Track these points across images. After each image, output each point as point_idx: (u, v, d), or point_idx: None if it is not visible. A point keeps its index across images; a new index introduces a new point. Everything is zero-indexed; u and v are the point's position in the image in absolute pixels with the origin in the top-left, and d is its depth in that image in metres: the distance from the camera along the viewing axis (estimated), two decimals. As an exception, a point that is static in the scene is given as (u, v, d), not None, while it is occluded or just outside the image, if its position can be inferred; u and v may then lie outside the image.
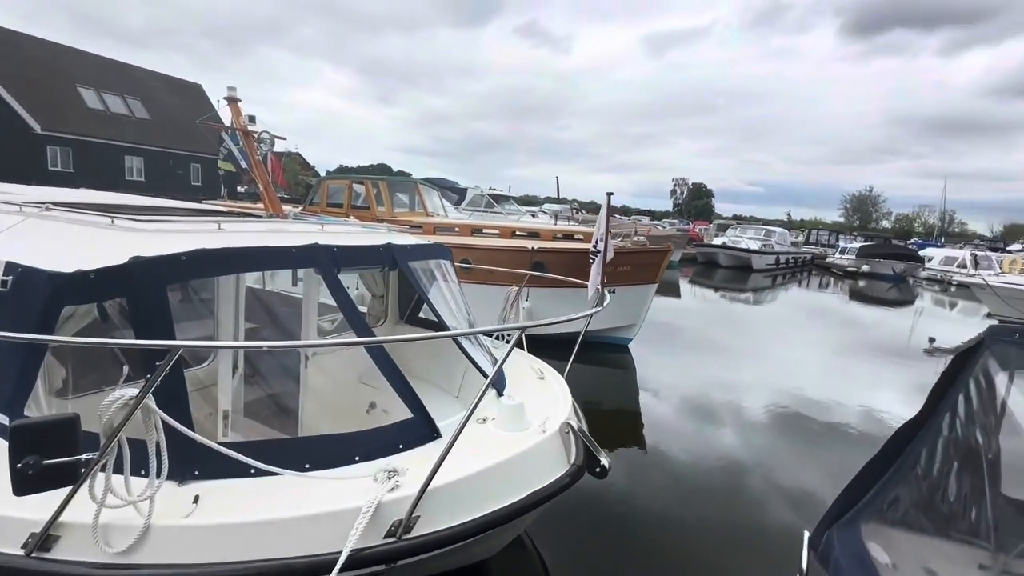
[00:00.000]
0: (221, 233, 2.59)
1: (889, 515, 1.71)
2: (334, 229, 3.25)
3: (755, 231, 27.21)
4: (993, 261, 23.32)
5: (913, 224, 72.12)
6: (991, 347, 1.56)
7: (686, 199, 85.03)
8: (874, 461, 1.81)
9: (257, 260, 2.53)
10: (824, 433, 5.87)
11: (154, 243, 2.19)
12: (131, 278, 1.99)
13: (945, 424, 1.62)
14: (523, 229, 8.56)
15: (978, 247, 36.09)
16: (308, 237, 2.82)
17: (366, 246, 3.08)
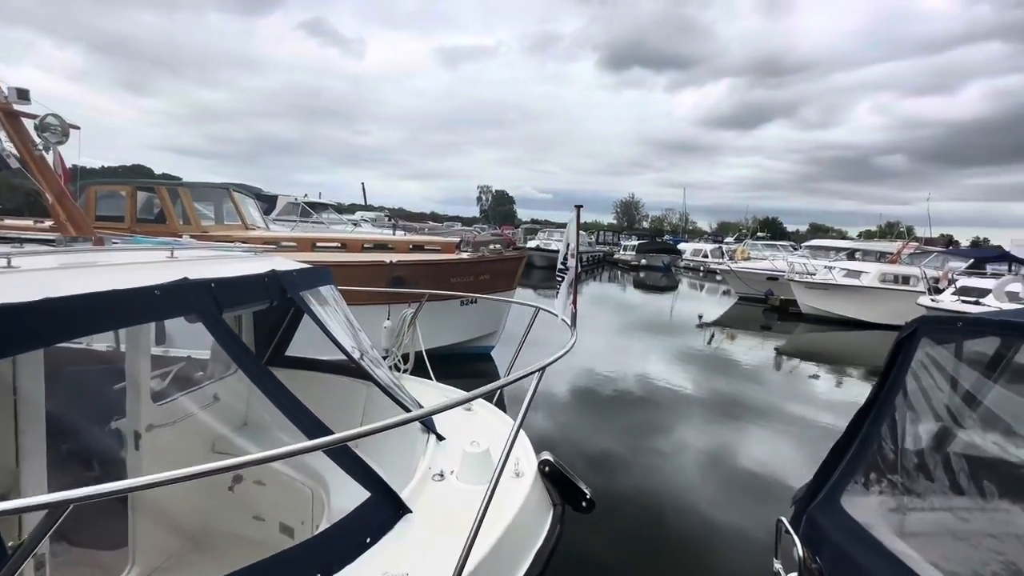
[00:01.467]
0: (12, 273, 1.60)
1: (863, 488, 1.93)
2: (190, 255, 2.36)
3: (560, 234, 30.38)
4: (724, 252, 30.56)
5: (663, 224, 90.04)
6: (924, 334, 1.88)
7: (491, 205, 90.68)
8: (839, 444, 2.02)
9: (99, 315, 1.59)
10: (626, 393, 6.92)
11: None
12: None
13: (898, 401, 1.90)
14: (371, 241, 7.77)
15: (706, 241, 46.71)
16: (158, 270, 1.97)
17: (249, 277, 2.30)
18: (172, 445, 2.65)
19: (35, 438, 1.78)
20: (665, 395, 7.61)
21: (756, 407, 7.43)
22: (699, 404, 7.42)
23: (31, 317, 1.36)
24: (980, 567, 1.68)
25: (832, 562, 1.82)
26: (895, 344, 1.97)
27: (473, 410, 3.03)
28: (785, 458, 5.74)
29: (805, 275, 14.33)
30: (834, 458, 2.02)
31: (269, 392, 1.97)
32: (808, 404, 7.85)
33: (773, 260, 18.22)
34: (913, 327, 1.94)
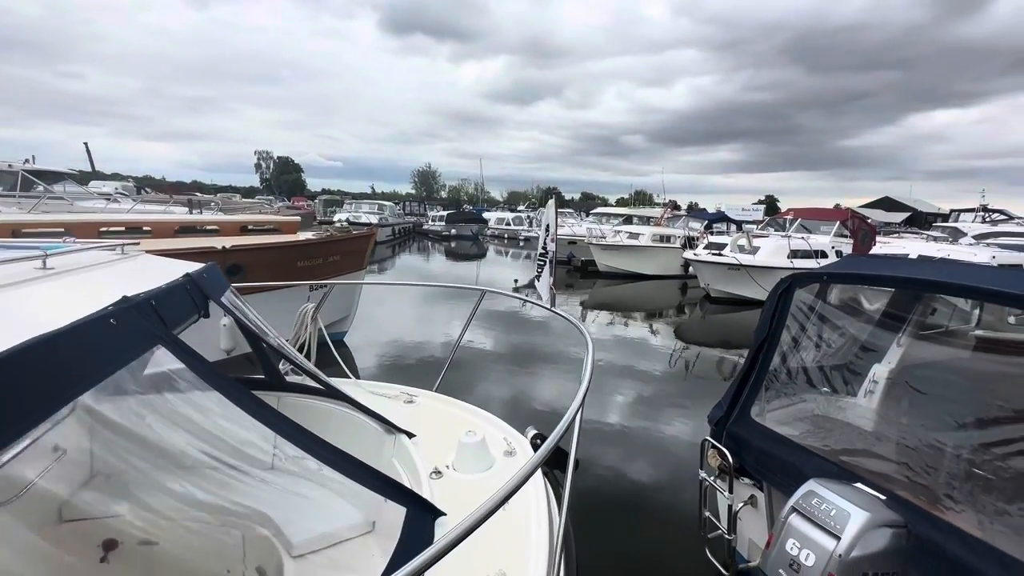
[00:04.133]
0: None
1: (765, 403, 2.59)
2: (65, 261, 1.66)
3: (369, 206, 28.93)
4: (523, 219, 33.41)
5: (460, 193, 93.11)
6: (798, 285, 2.58)
7: (274, 174, 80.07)
8: (739, 374, 2.65)
9: (54, 383, 1.01)
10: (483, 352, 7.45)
11: None
12: None
13: (785, 334, 2.58)
14: (199, 224, 6.17)
15: (501, 210, 50.24)
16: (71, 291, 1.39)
17: (174, 286, 1.77)
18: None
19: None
20: (513, 350, 8.24)
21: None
22: (530, 354, 8.25)
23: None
24: (841, 442, 2.46)
25: (755, 459, 2.43)
26: (777, 293, 2.64)
27: (416, 402, 2.93)
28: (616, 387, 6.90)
29: (601, 239, 16.88)
30: (741, 385, 2.64)
31: (263, 419, 1.61)
32: (618, 344, 9.46)
33: (573, 227, 20.84)
34: (789, 281, 2.63)
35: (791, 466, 2.19)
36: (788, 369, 2.65)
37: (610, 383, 7.04)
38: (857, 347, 2.82)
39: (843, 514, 1.70)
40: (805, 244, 12.78)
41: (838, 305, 2.66)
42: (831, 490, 1.80)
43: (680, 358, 9.09)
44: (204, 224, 6.38)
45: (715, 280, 12.96)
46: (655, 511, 3.95)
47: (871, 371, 2.86)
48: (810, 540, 1.72)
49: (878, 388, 2.83)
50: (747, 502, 2.49)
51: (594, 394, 6.79)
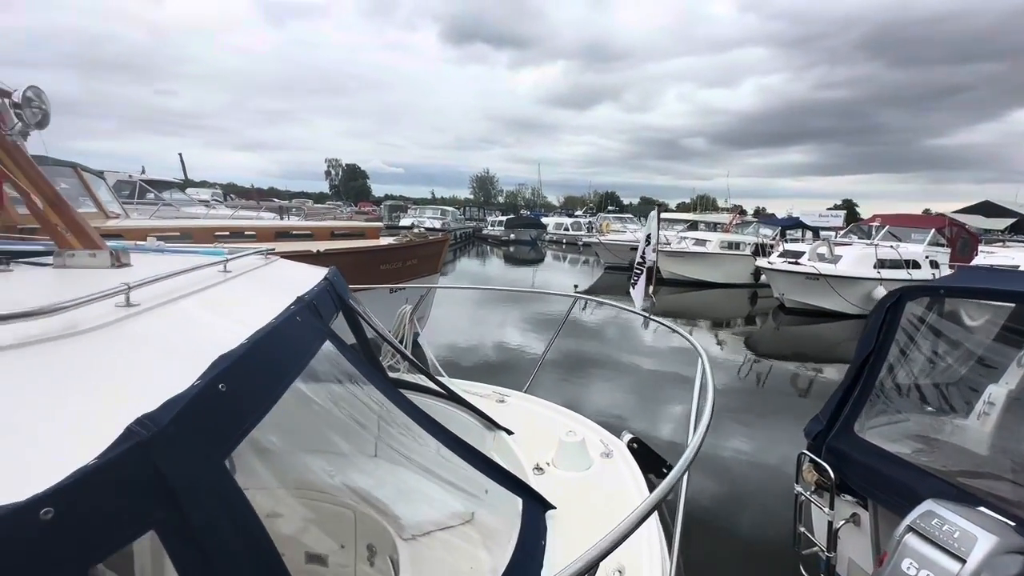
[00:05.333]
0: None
1: (870, 418, 2.51)
2: (242, 264, 1.95)
3: (432, 211, 29.90)
4: (590, 225, 33.23)
5: (517, 198, 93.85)
6: (908, 298, 2.49)
7: (343, 180, 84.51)
8: (841, 387, 2.58)
9: (273, 377, 1.20)
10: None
11: None
12: None
13: (892, 348, 2.50)
14: (294, 229, 6.80)
15: (557, 214, 50.10)
16: (255, 293, 1.65)
17: (323, 288, 2.01)
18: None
19: None
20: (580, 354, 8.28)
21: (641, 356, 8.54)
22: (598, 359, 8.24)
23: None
24: (957, 463, 2.35)
25: (860, 476, 2.36)
26: (885, 306, 2.56)
27: (507, 402, 3.07)
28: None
29: (665, 245, 16.52)
30: (843, 398, 2.57)
31: (407, 409, 1.81)
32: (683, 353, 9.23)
33: (635, 232, 20.54)
34: (899, 293, 2.54)
35: (903, 485, 2.13)
36: (896, 384, 2.56)
37: (677, 393, 6.94)
38: (970, 365, 2.67)
39: (968, 537, 1.66)
40: (894, 253, 11.90)
41: (950, 320, 2.54)
42: (953, 512, 1.75)
43: (751, 371, 8.76)
44: (299, 229, 6.97)
45: (791, 290, 12.34)
46: (738, 526, 3.88)
47: (986, 392, 2.70)
48: (930, 561, 1.69)
49: (994, 410, 2.67)
50: (849, 520, 2.43)
51: (662, 404, 6.73)
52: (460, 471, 1.96)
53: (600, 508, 1.97)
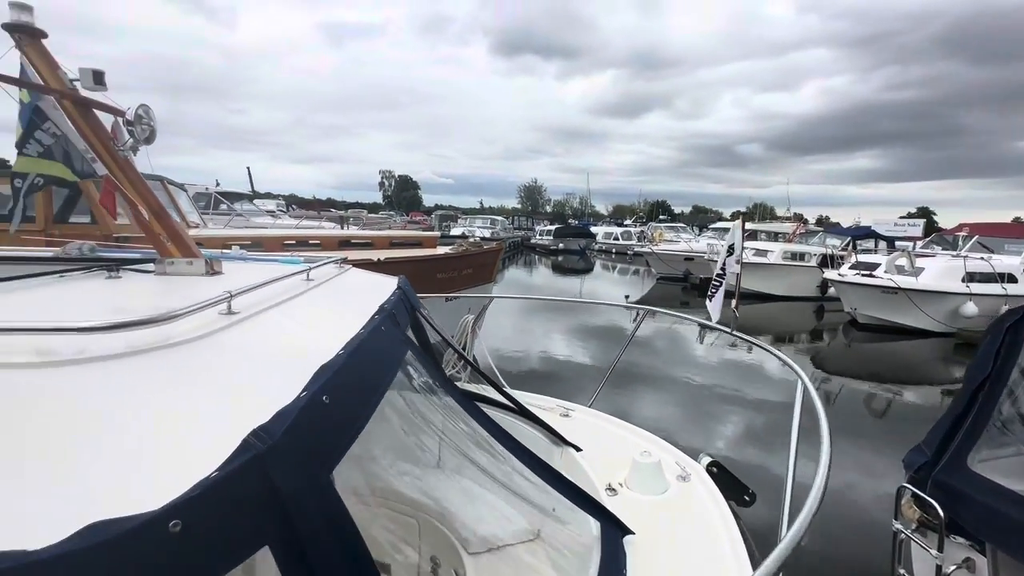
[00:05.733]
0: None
1: (988, 451, 2.24)
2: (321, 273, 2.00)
3: (482, 221, 30.31)
4: (642, 234, 32.58)
5: (565, 208, 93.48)
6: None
7: (395, 191, 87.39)
8: (950, 415, 2.32)
9: (373, 382, 1.25)
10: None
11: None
12: None
13: (1013, 375, 2.23)
14: (355, 238, 7.08)
15: (607, 224, 49.29)
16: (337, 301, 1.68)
17: (398, 298, 2.03)
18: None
19: None
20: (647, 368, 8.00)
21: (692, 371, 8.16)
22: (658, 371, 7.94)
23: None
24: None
25: (978, 516, 2.10)
26: (1004, 326, 2.28)
27: (572, 416, 2.98)
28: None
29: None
30: (953, 427, 2.31)
31: (481, 421, 1.78)
32: (742, 369, 8.76)
33: (690, 242, 19.91)
34: (1021, 312, 2.27)
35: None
36: (1020, 414, 2.28)
37: (745, 412, 6.58)
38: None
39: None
40: (986, 265, 10.83)
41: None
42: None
43: (819, 388, 8.17)
44: (360, 238, 7.21)
45: (865, 304, 11.48)
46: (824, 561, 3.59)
47: None
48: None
49: None
50: (962, 565, 2.17)
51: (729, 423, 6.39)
52: (529, 486, 1.90)
53: (680, 536, 1.85)
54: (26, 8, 1.60)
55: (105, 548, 0.63)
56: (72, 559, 0.61)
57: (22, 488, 0.71)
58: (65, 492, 0.71)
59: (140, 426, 0.83)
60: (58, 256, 2.38)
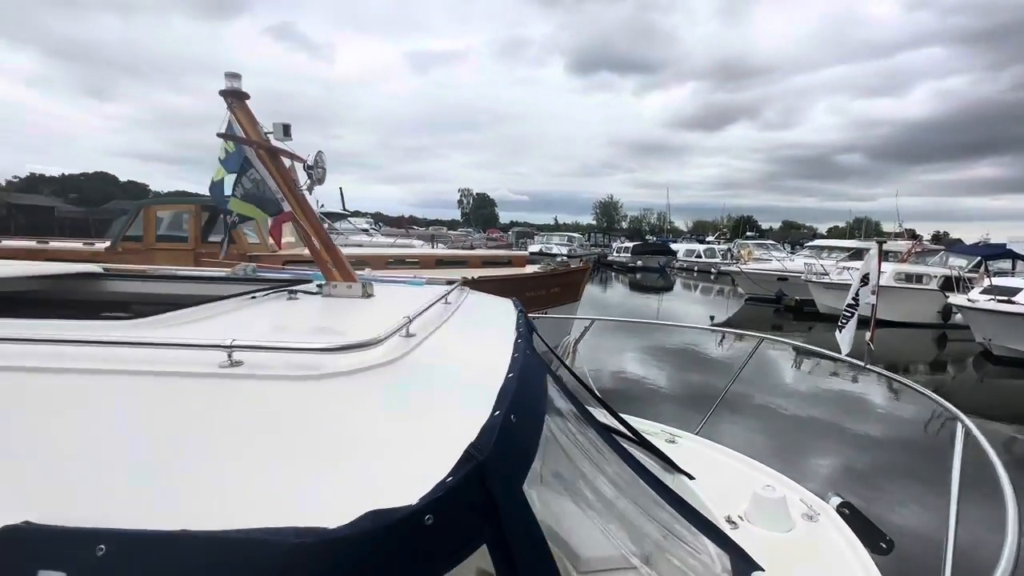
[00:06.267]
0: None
1: None
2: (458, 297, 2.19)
3: (559, 238, 30.43)
4: (728, 252, 31.06)
5: (642, 224, 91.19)
6: None
7: (473, 208, 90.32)
8: None
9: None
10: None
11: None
12: None
13: None
14: (449, 257, 7.52)
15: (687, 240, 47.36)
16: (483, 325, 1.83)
17: (522, 320, 2.15)
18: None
19: None
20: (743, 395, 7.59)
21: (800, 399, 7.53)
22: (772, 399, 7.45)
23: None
24: None
25: None
26: None
27: (678, 443, 2.92)
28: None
29: (821, 275, 14.70)
30: None
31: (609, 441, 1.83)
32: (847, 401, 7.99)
33: (783, 261, 18.65)
34: None
35: None
36: None
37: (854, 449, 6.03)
38: None
39: None
40: None
41: None
42: None
43: (942, 428, 7.28)
44: (454, 257, 7.59)
45: (1003, 334, 10.05)
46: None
47: None
48: None
49: None
50: None
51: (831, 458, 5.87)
52: (653, 509, 1.91)
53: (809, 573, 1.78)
54: (236, 76, 1.94)
55: (382, 532, 0.78)
56: (358, 538, 0.76)
57: (311, 479, 0.89)
58: (339, 483, 0.88)
59: (380, 432, 1.00)
60: (230, 276, 2.79)
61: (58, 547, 0.75)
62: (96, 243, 6.74)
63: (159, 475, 0.88)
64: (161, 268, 3.08)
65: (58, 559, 0.74)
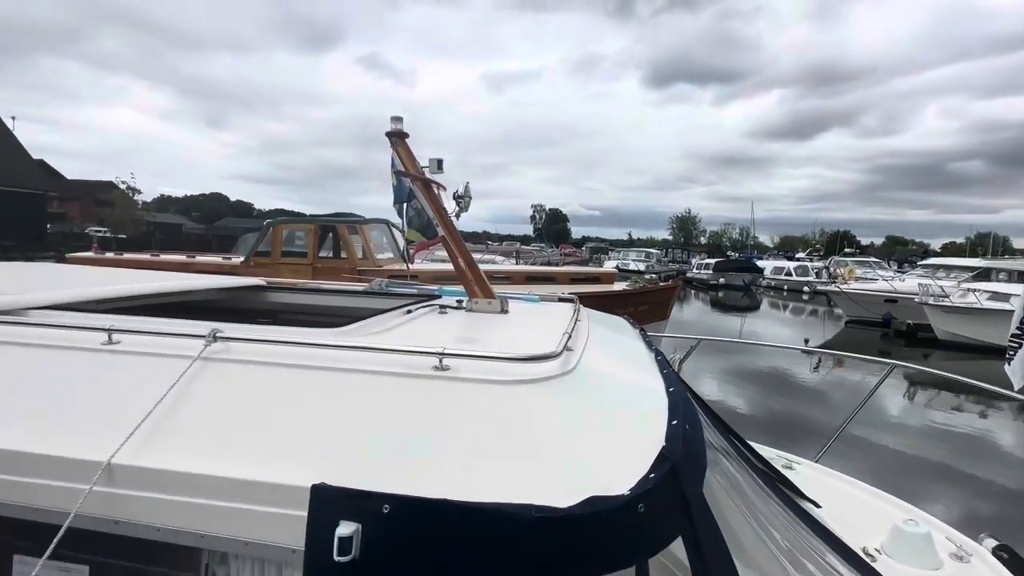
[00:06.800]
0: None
1: None
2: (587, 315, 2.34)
3: (636, 254, 29.86)
4: (809, 268, 28.93)
5: (721, 239, 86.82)
6: None
7: (545, 223, 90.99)
8: None
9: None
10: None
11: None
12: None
13: None
14: (540, 273, 7.78)
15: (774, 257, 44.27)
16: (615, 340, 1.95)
17: (643, 336, 2.26)
18: None
19: None
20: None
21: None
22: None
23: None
24: None
25: None
26: None
27: (796, 470, 2.83)
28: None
29: (940, 298, 13.23)
30: None
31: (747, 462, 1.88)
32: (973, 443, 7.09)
33: (891, 281, 17.00)
34: None
35: None
36: None
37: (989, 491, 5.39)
38: None
39: None
40: None
41: None
42: None
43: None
44: (544, 274, 7.79)
45: None
46: None
47: None
48: None
49: None
50: None
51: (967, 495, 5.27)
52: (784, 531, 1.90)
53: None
54: (399, 119, 2.25)
55: (604, 515, 0.93)
56: (585, 518, 0.92)
57: (525, 466, 1.06)
58: (547, 472, 1.05)
59: (572, 432, 1.16)
60: (369, 290, 3.13)
61: (354, 503, 0.97)
62: (232, 258, 7.73)
63: (405, 454, 1.09)
64: (309, 282, 3.52)
65: (354, 512, 0.97)
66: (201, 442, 1.12)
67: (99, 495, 1.03)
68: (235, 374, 1.31)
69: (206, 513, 1.01)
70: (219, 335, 1.38)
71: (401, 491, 0.98)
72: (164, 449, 1.09)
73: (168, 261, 7.55)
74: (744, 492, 1.93)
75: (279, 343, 1.39)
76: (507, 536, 0.93)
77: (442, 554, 0.94)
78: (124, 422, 1.11)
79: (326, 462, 1.05)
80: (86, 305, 1.86)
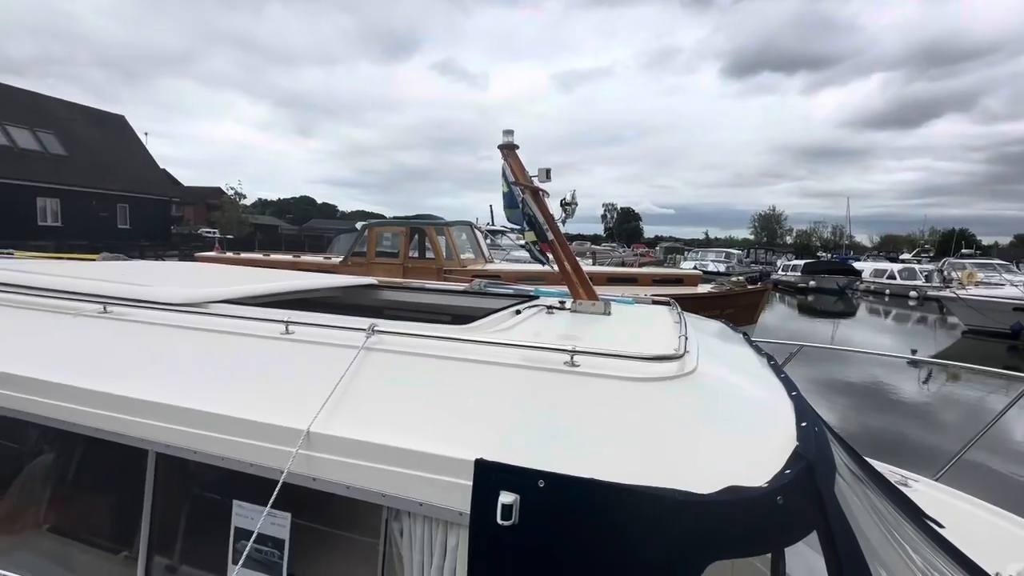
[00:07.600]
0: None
1: None
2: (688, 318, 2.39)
3: (715, 255, 28.49)
4: (917, 272, 26.07)
5: (811, 239, 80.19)
6: None
7: (616, 223, 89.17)
8: None
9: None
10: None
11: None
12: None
13: None
14: (620, 275, 7.81)
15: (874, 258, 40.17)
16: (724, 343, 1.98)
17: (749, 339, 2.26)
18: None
19: None
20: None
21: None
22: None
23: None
24: None
25: None
26: None
27: (912, 487, 2.66)
28: None
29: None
30: None
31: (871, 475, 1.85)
32: None
33: (1020, 286, 14.95)
34: None
35: None
36: None
37: None
38: None
39: None
40: None
41: None
42: None
43: None
44: (625, 275, 7.75)
45: None
46: None
47: None
48: None
49: None
50: None
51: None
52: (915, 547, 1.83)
53: None
54: (509, 132, 2.41)
55: (744, 503, 1.01)
56: (725, 505, 1.01)
57: (663, 455, 1.16)
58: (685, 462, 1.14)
59: (703, 427, 1.24)
60: (470, 290, 3.34)
61: (513, 478, 1.13)
62: (332, 257, 8.46)
63: (548, 437, 1.23)
64: (413, 281, 3.81)
65: (513, 486, 1.12)
66: (377, 417, 1.33)
67: (301, 457, 1.26)
68: (393, 361, 1.53)
69: (387, 476, 1.21)
70: (376, 328, 1.60)
71: (550, 469, 1.12)
72: (348, 421, 1.31)
73: (278, 260, 8.42)
74: (872, 501, 1.89)
75: (425, 337, 1.60)
76: (651, 515, 1.04)
77: (591, 527, 1.07)
78: (311, 399, 1.35)
79: (481, 440, 1.21)
80: (247, 300, 2.19)
